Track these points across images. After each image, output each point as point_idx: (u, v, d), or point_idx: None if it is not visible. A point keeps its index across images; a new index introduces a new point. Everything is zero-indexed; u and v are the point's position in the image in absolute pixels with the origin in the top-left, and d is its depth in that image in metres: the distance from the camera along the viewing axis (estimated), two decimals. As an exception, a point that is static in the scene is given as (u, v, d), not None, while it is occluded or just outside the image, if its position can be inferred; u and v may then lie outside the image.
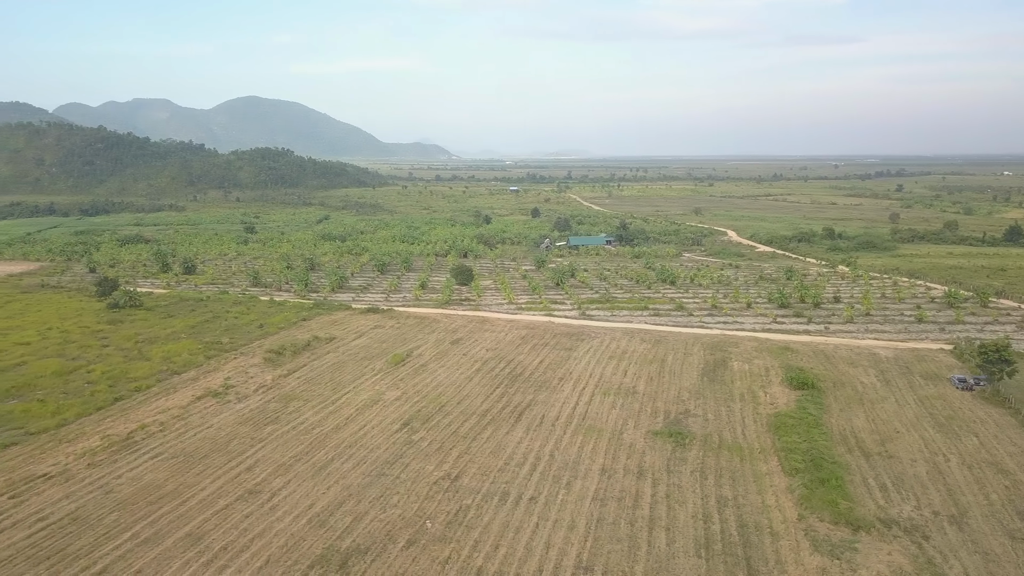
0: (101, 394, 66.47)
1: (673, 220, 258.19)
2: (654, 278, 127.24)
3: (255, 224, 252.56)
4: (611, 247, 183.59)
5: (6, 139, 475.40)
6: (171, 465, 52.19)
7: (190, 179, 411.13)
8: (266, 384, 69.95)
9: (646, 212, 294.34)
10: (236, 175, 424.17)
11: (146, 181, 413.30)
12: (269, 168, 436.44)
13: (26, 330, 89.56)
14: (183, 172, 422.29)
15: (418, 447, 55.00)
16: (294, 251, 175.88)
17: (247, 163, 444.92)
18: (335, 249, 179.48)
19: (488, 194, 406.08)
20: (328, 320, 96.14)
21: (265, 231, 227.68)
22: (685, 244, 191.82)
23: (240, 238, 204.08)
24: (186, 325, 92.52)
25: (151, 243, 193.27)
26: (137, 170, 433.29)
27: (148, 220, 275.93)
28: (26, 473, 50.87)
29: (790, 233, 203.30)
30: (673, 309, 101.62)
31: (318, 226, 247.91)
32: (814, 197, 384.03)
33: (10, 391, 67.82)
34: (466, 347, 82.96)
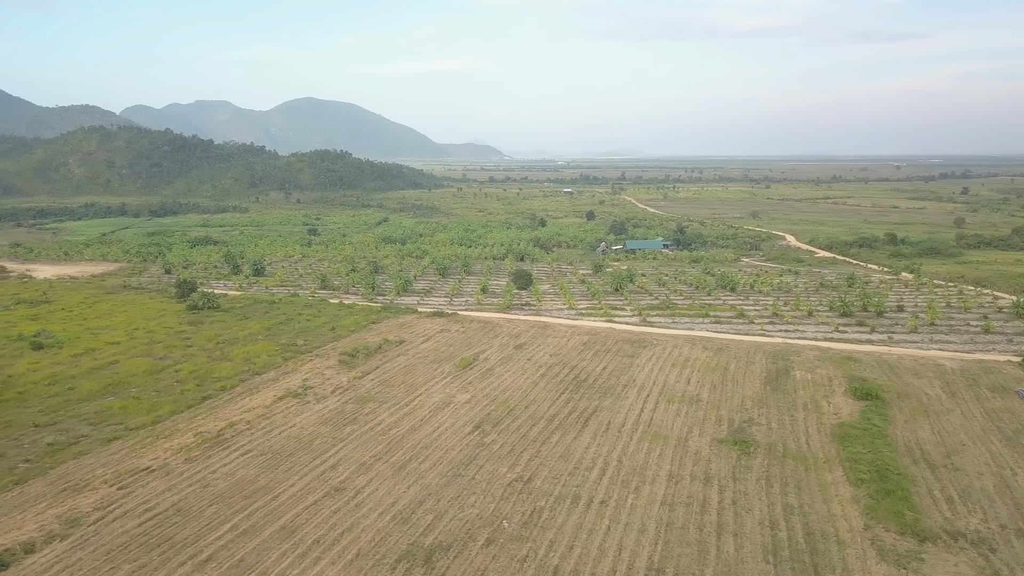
0: (190, 393, 70.73)
1: (730, 223, 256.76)
2: (713, 284, 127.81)
3: (317, 226, 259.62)
4: (668, 251, 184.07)
5: (80, 142, 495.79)
6: (260, 462, 55.69)
7: (252, 181, 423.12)
8: (342, 386, 73.36)
9: (702, 215, 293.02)
10: (296, 177, 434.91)
11: (210, 182, 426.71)
12: (328, 170, 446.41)
13: (115, 330, 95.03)
14: (246, 174, 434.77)
15: (490, 449, 57.51)
16: (356, 254, 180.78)
17: (307, 165, 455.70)
18: (396, 252, 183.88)
19: (542, 196, 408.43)
20: (396, 323, 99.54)
21: (327, 233, 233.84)
22: (743, 249, 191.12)
23: (304, 240, 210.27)
24: (262, 327, 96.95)
25: (219, 245, 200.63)
26: (202, 172, 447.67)
27: (214, 221, 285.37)
28: (130, 466, 54.91)
29: (850, 238, 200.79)
30: (734, 316, 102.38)
31: (377, 228, 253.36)
32: (875, 200, 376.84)
33: (107, 389, 72.59)
34: (530, 352, 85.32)
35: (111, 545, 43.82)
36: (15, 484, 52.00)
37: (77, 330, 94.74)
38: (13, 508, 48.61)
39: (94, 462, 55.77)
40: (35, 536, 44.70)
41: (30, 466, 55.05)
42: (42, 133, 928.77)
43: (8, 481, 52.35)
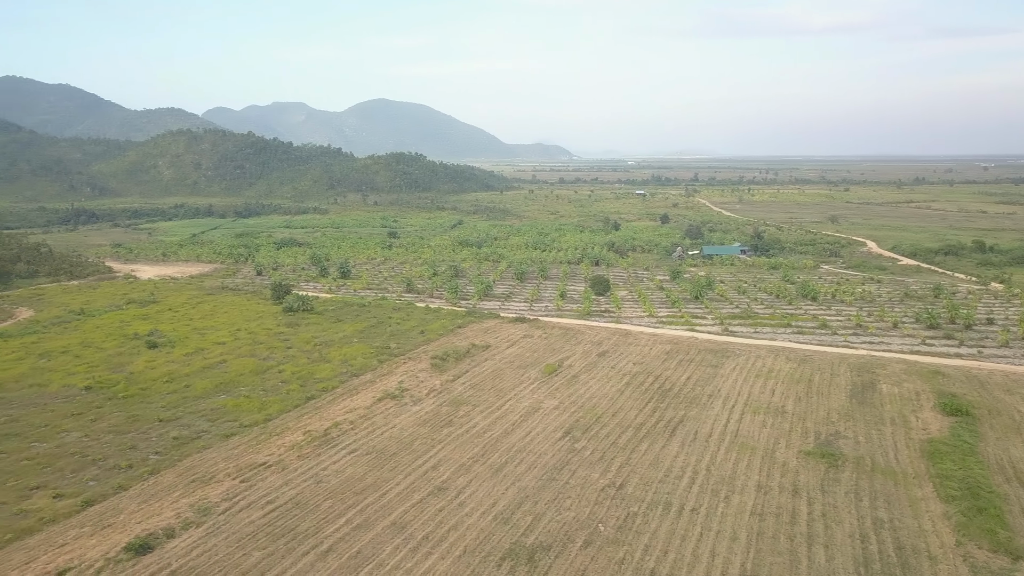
0: (295, 393, 75.42)
1: (808, 228, 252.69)
2: (794, 293, 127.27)
3: (395, 228, 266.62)
4: (745, 257, 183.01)
5: (168, 144, 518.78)
6: (367, 461, 59.52)
7: (330, 182, 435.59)
8: (436, 388, 76.99)
9: (779, 219, 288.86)
10: (373, 179, 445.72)
11: (290, 184, 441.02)
12: (403, 172, 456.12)
13: (220, 330, 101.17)
14: (324, 175, 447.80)
15: (581, 455, 60.05)
16: (436, 257, 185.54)
17: (383, 167, 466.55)
18: (473, 255, 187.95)
19: (614, 198, 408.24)
20: (480, 328, 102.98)
21: (405, 236, 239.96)
22: (822, 255, 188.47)
23: (384, 243, 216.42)
24: (355, 329, 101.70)
25: (304, 246, 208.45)
26: (282, 173, 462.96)
27: (296, 223, 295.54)
28: (249, 461, 59.48)
29: (936, 245, 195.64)
30: (816, 327, 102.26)
31: (453, 231, 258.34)
32: (961, 204, 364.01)
33: (219, 387, 77.97)
34: (613, 360, 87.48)
35: (241, 533, 48.10)
36: (150, 474, 57.10)
37: (185, 330, 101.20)
38: (151, 496, 53.56)
39: (216, 456, 60.59)
40: (173, 523, 49.32)
41: (160, 458, 60.20)
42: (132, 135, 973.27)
43: (144, 471, 57.52)
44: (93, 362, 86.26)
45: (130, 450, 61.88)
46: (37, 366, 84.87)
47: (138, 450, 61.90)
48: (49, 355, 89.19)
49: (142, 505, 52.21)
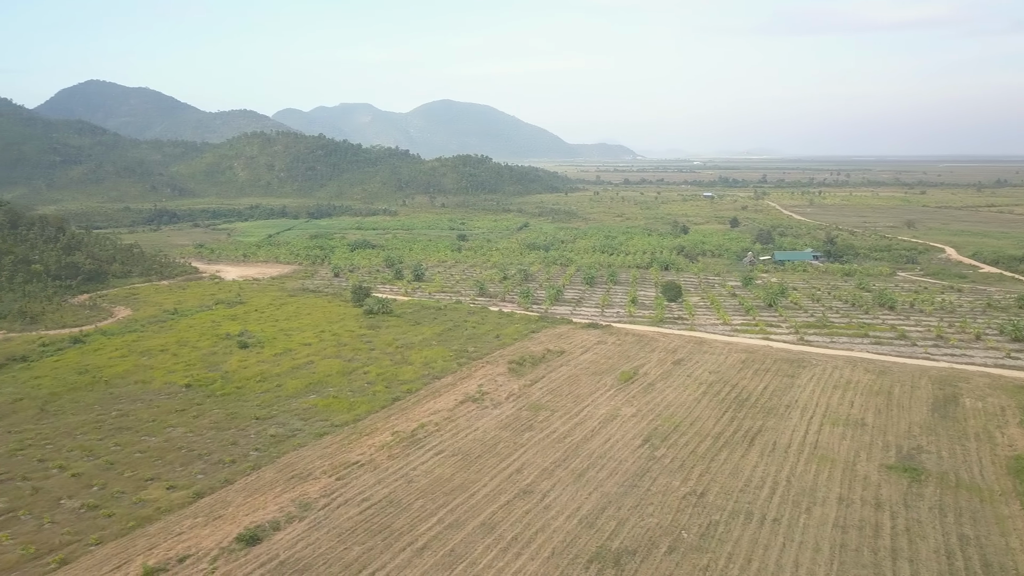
0: (381, 394, 78.69)
1: (883, 233, 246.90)
2: (871, 301, 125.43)
3: (462, 230, 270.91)
4: (818, 263, 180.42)
5: (243, 147, 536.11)
6: (453, 462, 62.10)
7: (399, 184, 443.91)
8: (514, 393, 79.26)
9: (852, 223, 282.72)
10: (440, 181, 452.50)
11: (360, 186, 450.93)
12: (470, 175, 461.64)
13: (305, 332, 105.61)
14: (392, 178, 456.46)
15: (661, 463, 61.43)
16: (504, 260, 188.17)
17: (449, 169, 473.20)
18: (541, 259, 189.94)
19: (681, 200, 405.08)
20: (554, 333, 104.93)
21: (473, 238, 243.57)
22: (898, 262, 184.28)
23: (453, 245, 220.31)
24: (433, 332, 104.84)
25: (377, 248, 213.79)
26: (352, 175, 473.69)
27: (367, 224, 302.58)
28: (343, 460, 62.72)
29: (1020, 252, 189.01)
30: (895, 337, 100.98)
31: (519, 234, 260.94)
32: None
33: (308, 387, 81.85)
34: (688, 368, 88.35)
35: (341, 528, 51.13)
36: (252, 469, 60.81)
37: (272, 331, 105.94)
38: (255, 491, 57.15)
39: (311, 454, 64.04)
40: (278, 516, 52.67)
41: (260, 454, 63.96)
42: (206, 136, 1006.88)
43: (246, 466, 61.28)
44: (190, 361, 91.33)
45: (232, 446, 65.86)
46: (140, 363, 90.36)
47: (239, 446, 65.83)
48: (150, 353, 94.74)
49: (248, 499, 55.82)
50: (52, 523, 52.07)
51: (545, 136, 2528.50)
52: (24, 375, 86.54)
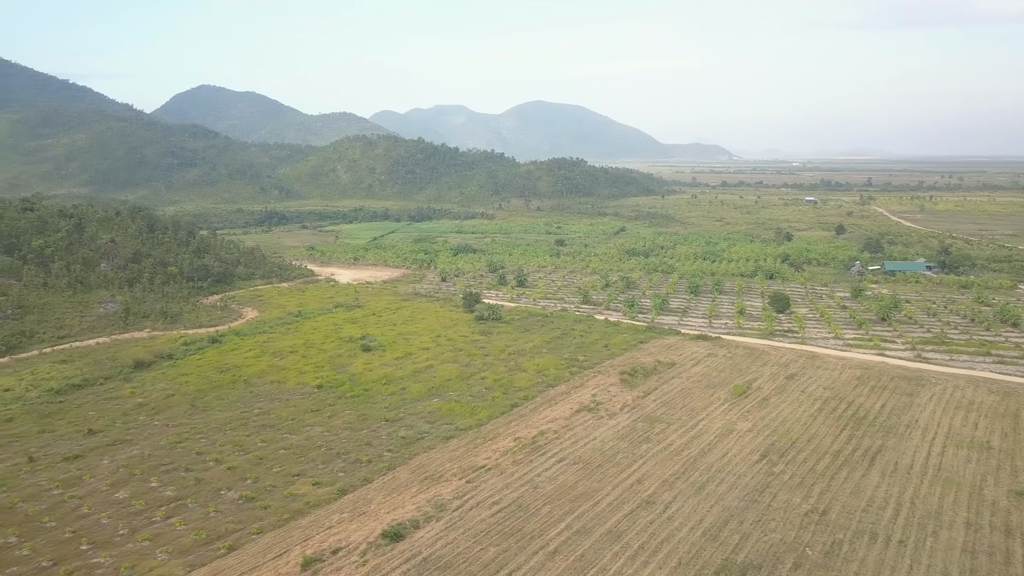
0: (499, 400, 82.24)
1: (1002, 243, 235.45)
2: (991, 317, 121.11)
3: (559, 234, 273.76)
4: (931, 274, 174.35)
5: (346, 150, 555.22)
6: (574, 470, 64.84)
7: (495, 187, 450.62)
8: (628, 404, 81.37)
9: (967, 231, 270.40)
10: (535, 184, 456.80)
11: (457, 189, 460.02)
12: (565, 178, 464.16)
13: (421, 336, 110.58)
14: (489, 181, 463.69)
15: (780, 479, 62.45)
16: (604, 266, 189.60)
17: (545, 172, 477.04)
18: (641, 265, 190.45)
19: (782, 204, 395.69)
20: (662, 344, 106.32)
21: (570, 243, 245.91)
22: (1020, 274, 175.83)
23: (552, 250, 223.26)
24: (542, 340, 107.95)
25: (479, 253, 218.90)
26: (450, 178, 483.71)
27: (467, 228, 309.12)
28: (470, 463, 66.42)
29: None
30: (1020, 357, 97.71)
31: (616, 238, 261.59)
32: None
33: (431, 391, 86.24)
34: (802, 383, 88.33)
35: (475, 530, 54.63)
36: (387, 469, 65.23)
37: (391, 334, 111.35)
38: (392, 490, 61.44)
39: (440, 456, 68.03)
40: (416, 516, 56.64)
41: (393, 455, 68.39)
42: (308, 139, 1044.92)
43: (382, 466, 65.76)
44: (318, 362, 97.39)
45: (366, 446, 70.59)
46: (273, 364, 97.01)
47: (373, 447, 70.49)
48: (281, 354, 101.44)
49: (387, 497, 60.12)
50: (216, 512, 57.63)
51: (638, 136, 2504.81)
52: (172, 372, 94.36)
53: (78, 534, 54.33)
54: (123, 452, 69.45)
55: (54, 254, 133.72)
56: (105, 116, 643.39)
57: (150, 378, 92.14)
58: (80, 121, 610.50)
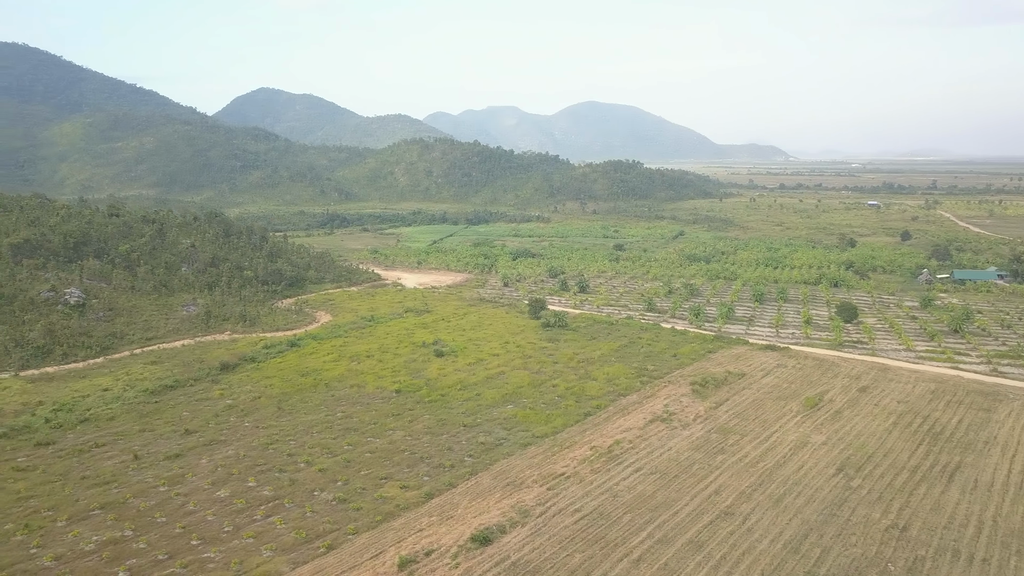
0: (572, 408, 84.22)
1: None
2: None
3: (617, 238, 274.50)
4: (1003, 283, 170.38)
5: (403, 153, 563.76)
6: (652, 480, 66.49)
7: (550, 190, 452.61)
8: (700, 415, 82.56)
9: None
10: (591, 187, 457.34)
11: (513, 191, 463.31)
12: (620, 180, 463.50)
13: (490, 342, 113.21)
14: (544, 184, 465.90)
15: (858, 494, 63.12)
16: (664, 272, 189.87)
17: (600, 175, 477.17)
18: (702, 272, 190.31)
19: (843, 208, 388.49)
20: (731, 354, 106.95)
21: (629, 247, 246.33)
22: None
23: (611, 255, 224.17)
24: (610, 348, 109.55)
25: (537, 258, 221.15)
26: (505, 181, 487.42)
27: (523, 231, 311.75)
28: (549, 471, 68.58)
29: None
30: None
31: (675, 243, 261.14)
32: None
33: (504, 398, 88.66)
34: (874, 396, 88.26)
35: (560, 536, 56.75)
36: (470, 475, 67.80)
37: (461, 340, 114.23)
38: (476, 495, 63.95)
39: (520, 463, 70.32)
40: (502, 521, 59.01)
41: (474, 460, 70.94)
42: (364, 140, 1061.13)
43: (464, 472, 68.37)
44: (394, 367, 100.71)
45: (447, 451, 73.29)
46: (351, 368, 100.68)
47: (454, 452, 73.14)
48: (358, 358, 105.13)
49: (472, 502, 62.65)
50: (313, 512, 60.89)
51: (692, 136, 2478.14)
52: (256, 375, 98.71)
53: (187, 530, 58.09)
54: (219, 452, 73.43)
55: (139, 258, 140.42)
56: (171, 120, 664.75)
57: (236, 380, 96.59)
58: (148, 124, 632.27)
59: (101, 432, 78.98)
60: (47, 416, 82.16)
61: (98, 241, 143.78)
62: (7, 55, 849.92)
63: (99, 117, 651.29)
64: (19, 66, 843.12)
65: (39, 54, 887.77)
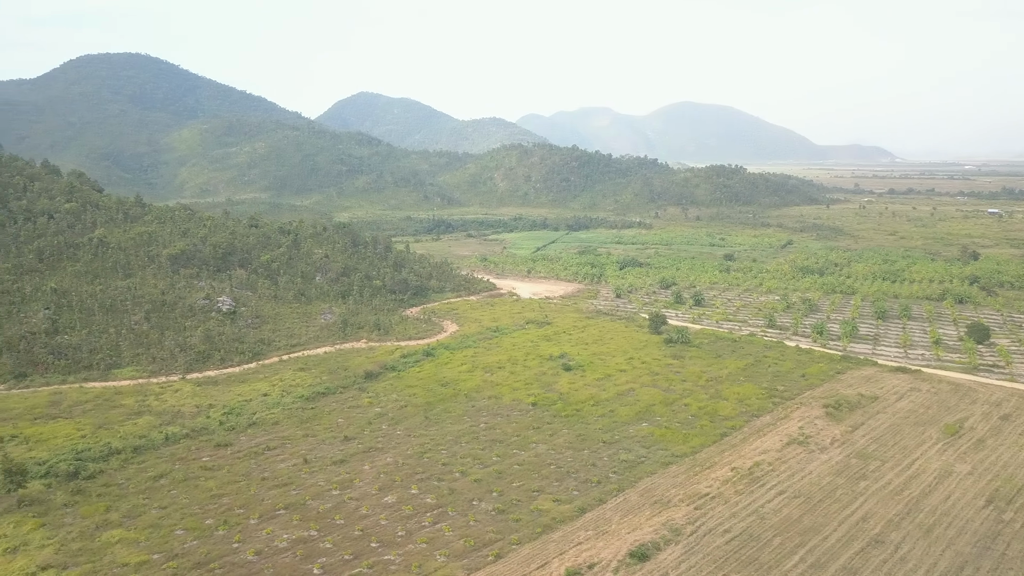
0: (708, 428, 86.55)
1: None
2: None
3: (722, 246, 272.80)
4: None
5: (503, 158, 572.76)
6: (797, 504, 68.36)
7: (651, 196, 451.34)
8: (837, 438, 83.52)
9: None
10: (692, 192, 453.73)
11: (612, 196, 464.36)
12: (723, 186, 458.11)
13: (615, 357, 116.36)
14: (645, 189, 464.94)
15: (1011, 527, 63.35)
16: (777, 285, 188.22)
17: (702, 180, 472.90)
18: (817, 285, 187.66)
19: (961, 217, 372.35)
20: (860, 376, 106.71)
21: (737, 257, 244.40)
22: None
23: (721, 266, 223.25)
24: (737, 367, 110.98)
25: (645, 267, 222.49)
26: (604, 185, 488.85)
27: (626, 238, 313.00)
28: (694, 490, 71.37)
29: None
30: None
31: (785, 253, 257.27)
32: None
33: (638, 415, 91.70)
34: (1019, 425, 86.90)
35: (714, 556, 59.60)
36: (618, 491, 71.33)
37: (586, 354, 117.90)
38: (627, 511, 67.45)
39: (664, 482, 73.38)
40: (655, 538, 62.28)
41: (620, 477, 74.42)
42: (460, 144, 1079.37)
43: (611, 488, 71.95)
44: (526, 380, 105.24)
45: (592, 467, 77.02)
46: (486, 379, 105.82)
47: (598, 468, 76.80)
48: (490, 369, 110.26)
49: (624, 518, 66.17)
50: (476, 521, 65.69)
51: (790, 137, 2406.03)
52: (398, 384, 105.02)
53: (366, 532, 63.80)
54: (379, 459, 79.38)
55: (279, 268, 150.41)
56: (280, 125, 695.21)
57: (381, 388, 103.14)
58: (259, 130, 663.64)
59: (269, 436, 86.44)
60: (220, 419, 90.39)
61: (242, 251, 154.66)
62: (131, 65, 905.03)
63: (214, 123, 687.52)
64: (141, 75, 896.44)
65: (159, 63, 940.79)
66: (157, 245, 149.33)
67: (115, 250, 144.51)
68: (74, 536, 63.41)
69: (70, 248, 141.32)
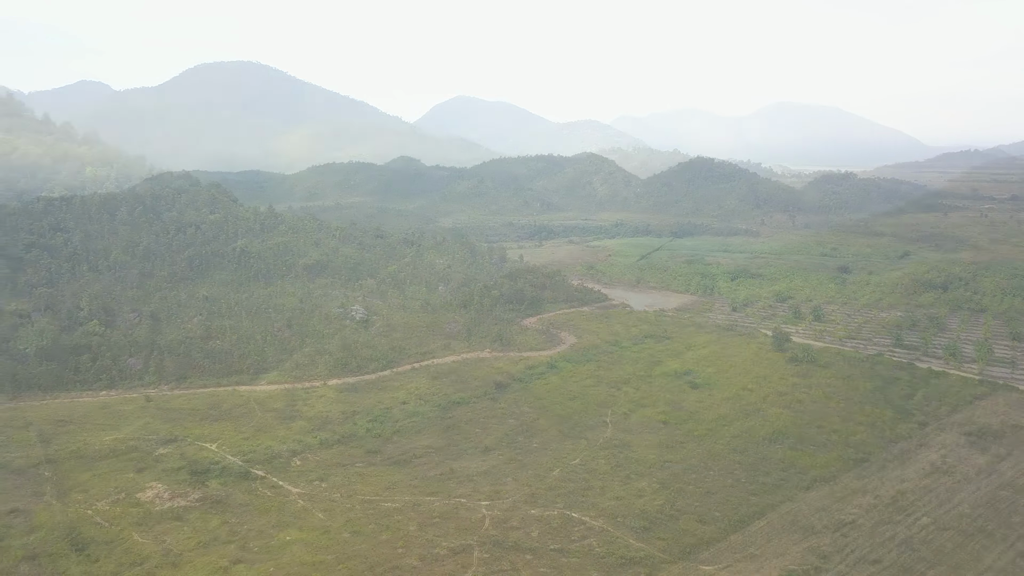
0: (844, 453, 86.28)
1: None
2: None
3: (833, 256, 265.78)
4: None
5: (602, 163, 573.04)
6: (947, 536, 68.03)
7: (756, 201, 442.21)
8: (983, 469, 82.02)
9: None
10: (799, 199, 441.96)
11: (715, 202, 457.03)
12: (832, 192, 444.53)
13: (741, 376, 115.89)
14: (749, 194, 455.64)
15: None
16: (898, 300, 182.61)
17: (810, 187, 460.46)
18: (941, 300, 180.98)
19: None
20: (1001, 401, 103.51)
21: (852, 268, 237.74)
22: None
23: (836, 278, 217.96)
24: (867, 389, 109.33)
25: (757, 279, 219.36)
26: (707, 191, 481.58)
27: (733, 247, 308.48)
28: (837, 517, 71.68)
29: None
30: None
31: (902, 265, 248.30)
32: None
33: (771, 436, 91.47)
34: None
35: (866, 585, 60.31)
36: (759, 514, 72.66)
37: (710, 371, 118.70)
38: (771, 535, 68.81)
39: (805, 508, 74.18)
40: (804, 565, 63.61)
41: (760, 500, 75.68)
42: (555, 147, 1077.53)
43: (752, 511, 73.30)
44: (653, 397, 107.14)
45: (730, 488, 78.49)
46: (612, 394, 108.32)
47: (736, 489, 78.19)
48: (615, 384, 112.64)
49: (769, 542, 67.62)
50: (622, 538, 68.31)
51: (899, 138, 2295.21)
52: (527, 396, 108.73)
53: (518, 545, 67.41)
54: (520, 472, 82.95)
55: (405, 278, 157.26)
56: (383, 130, 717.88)
57: (511, 399, 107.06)
58: (362, 135, 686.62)
59: (413, 444, 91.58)
60: (367, 426, 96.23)
61: (370, 262, 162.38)
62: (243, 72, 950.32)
63: (320, 128, 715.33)
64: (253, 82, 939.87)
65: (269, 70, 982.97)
66: (293, 255, 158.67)
67: (255, 259, 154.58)
68: (254, 534, 69.62)
69: (216, 257, 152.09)
